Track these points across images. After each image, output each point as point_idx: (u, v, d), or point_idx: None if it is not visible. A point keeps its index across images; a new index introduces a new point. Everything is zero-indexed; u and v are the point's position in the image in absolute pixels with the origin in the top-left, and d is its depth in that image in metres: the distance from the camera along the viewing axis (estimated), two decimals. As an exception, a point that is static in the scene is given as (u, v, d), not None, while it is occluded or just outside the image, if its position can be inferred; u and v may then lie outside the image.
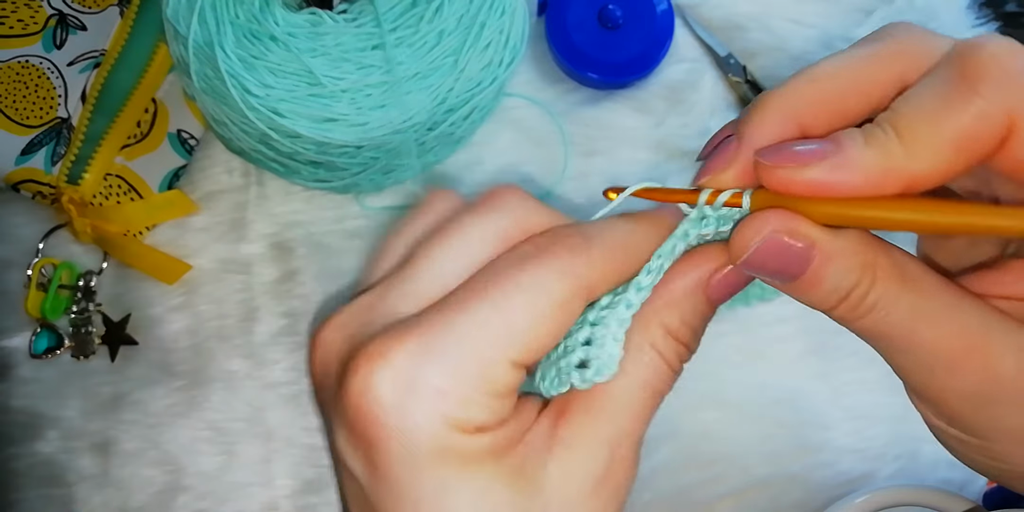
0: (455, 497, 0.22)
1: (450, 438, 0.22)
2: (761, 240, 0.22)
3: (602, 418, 0.24)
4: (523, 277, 0.23)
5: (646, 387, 0.24)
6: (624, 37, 0.52)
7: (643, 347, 0.24)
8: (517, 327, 0.22)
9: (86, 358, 0.52)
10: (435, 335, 0.22)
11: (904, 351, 0.23)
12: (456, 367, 0.22)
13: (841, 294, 0.22)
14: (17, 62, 0.49)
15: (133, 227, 0.52)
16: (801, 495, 0.51)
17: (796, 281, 0.23)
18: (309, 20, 0.46)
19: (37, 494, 0.52)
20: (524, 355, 0.22)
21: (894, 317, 0.22)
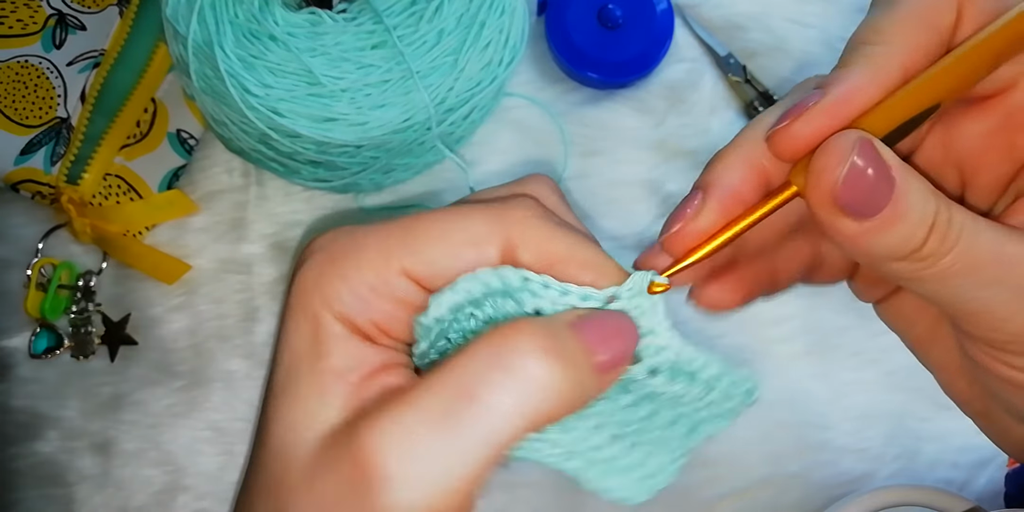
0: (294, 334, 0.24)
1: (312, 302, 0.23)
2: (847, 164, 0.21)
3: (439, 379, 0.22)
4: (456, 208, 0.24)
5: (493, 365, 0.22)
6: (624, 37, 0.52)
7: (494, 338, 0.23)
8: (421, 241, 0.23)
9: (86, 358, 0.52)
10: (362, 229, 0.24)
11: (998, 281, 0.22)
12: (355, 251, 0.24)
13: (929, 220, 0.21)
14: (16, 62, 0.49)
15: (133, 227, 0.52)
16: (801, 495, 0.51)
17: (879, 215, 0.21)
18: (308, 20, 0.46)
19: (37, 494, 0.52)
20: (418, 268, 0.23)
21: (983, 240, 0.22)
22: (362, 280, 0.23)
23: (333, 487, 0.21)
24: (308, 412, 0.23)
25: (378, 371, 0.23)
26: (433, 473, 0.20)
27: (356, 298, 0.23)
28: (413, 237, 0.23)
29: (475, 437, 0.21)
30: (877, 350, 0.52)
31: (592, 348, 0.22)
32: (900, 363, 0.52)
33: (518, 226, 0.23)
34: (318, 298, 0.23)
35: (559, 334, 0.22)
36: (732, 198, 0.24)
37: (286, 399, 0.23)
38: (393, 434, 0.21)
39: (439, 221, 0.24)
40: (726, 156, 0.24)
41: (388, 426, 0.21)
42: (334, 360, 0.23)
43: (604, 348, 0.22)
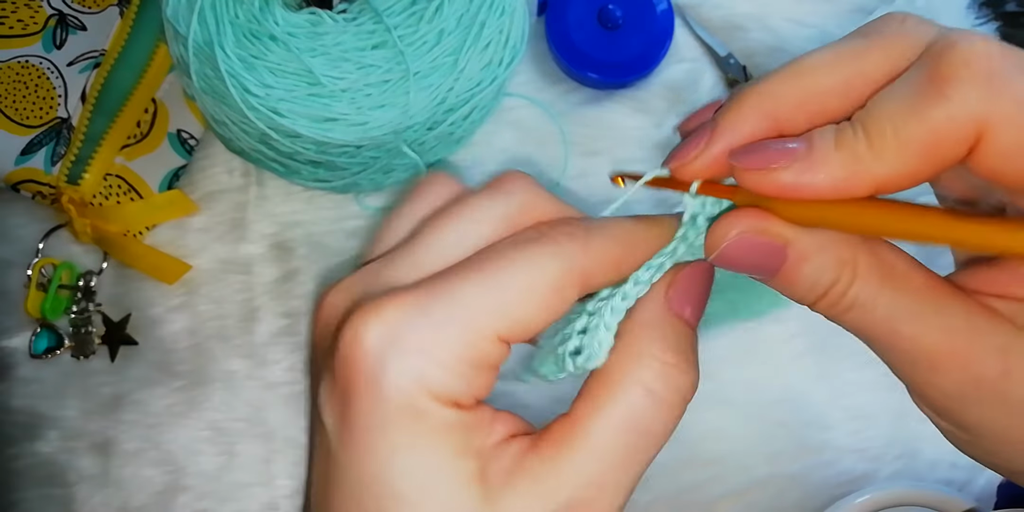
0: (405, 461, 0.22)
1: (420, 399, 0.22)
2: (732, 238, 0.22)
3: (572, 455, 0.23)
4: (520, 256, 0.23)
5: (627, 425, 0.23)
6: (624, 37, 0.52)
7: (623, 381, 0.24)
8: (508, 301, 0.22)
9: (86, 358, 0.52)
10: (429, 298, 0.22)
11: (887, 348, 0.23)
12: (443, 329, 0.22)
13: (819, 291, 0.22)
14: (17, 62, 0.49)
15: (133, 227, 0.52)
16: (801, 495, 0.51)
17: (775, 277, 0.23)
18: (309, 20, 0.46)
19: (37, 494, 0.52)
20: (511, 330, 0.23)
21: (874, 315, 0.22)
22: (462, 360, 0.22)
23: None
24: (459, 503, 0.22)
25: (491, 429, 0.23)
26: (626, 496, 0.24)
27: (461, 379, 0.22)
28: (499, 300, 0.23)
29: (649, 457, 0.24)
30: None
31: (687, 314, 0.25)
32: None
33: (584, 256, 0.24)
34: (425, 394, 0.22)
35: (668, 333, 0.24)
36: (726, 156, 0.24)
37: (427, 502, 0.22)
38: (591, 487, 0.23)
39: (512, 275, 0.23)
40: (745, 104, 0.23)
41: (584, 481, 0.23)
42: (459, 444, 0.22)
43: (695, 307, 0.25)
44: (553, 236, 0.24)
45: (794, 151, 0.21)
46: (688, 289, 0.25)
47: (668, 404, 0.24)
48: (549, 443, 0.23)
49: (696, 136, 0.23)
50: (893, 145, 0.20)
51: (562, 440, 0.23)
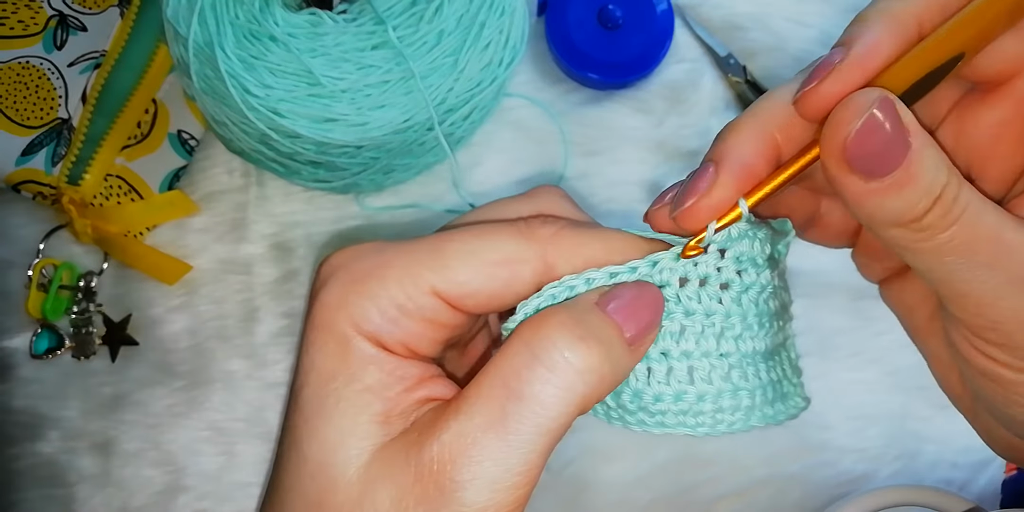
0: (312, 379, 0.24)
1: (340, 323, 0.23)
2: (863, 118, 0.21)
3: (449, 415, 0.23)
4: (482, 227, 0.24)
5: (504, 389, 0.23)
6: (624, 37, 0.52)
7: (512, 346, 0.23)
8: (450, 260, 0.23)
9: (87, 358, 0.52)
10: (389, 247, 0.24)
11: (990, 264, 0.22)
12: (383, 270, 0.24)
13: (936, 192, 0.21)
14: (18, 63, 0.50)
15: (133, 228, 0.52)
16: (801, 495, 0.51)
17: (890, 176, 0.21)
18: (309, 20, 0.46)
19: (38, 494, 0.52)
20: (448, 288, 0.23)
21: (985, 221, 0.22)
22: (391, 300, 0.23)
23: (388, 501, 0.22)
24: (349, 431, 0.23)
25: (415, 385, 0.24)
26: (498, 471, 0.22)
27: (385, 318, 0.23)
28: (443, 257, 0.23)
29: (530, 431, 0.22)
30: (877, 350, 0.52)
31: (620, 323, 0.23)
32: (900, 363, 0.52)
33: (551, 245, 0.24)
34: (345, 318, 0.23)
35: (585, 318, 0.23)
36: (745, 172, 0.24)
37: (320, 420, 0.23)
38: (456, 444, 0.22)
39: (469, 241, 0.24)
40: (739, 128, 0.24)
41: (450, 438, 0.22)
42: (368, 379, 0.23)
43: (631, 322, 0.23)
44: (528, 220, 0.25)
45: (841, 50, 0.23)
46: (623, 298, 0.24)
47: (556, 374, 0.22)
48: (444, 405, 0.23)
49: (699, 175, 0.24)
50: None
51: (452, 403, 0.23)
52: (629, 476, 0.51)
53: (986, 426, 0.27)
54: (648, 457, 0.51)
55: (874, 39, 0.22)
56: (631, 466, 0.51)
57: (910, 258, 0.23)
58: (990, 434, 0.27)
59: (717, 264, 0.25)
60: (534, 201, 0.27)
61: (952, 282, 0.22)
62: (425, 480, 0.22)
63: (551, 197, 0.27)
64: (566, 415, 0.22)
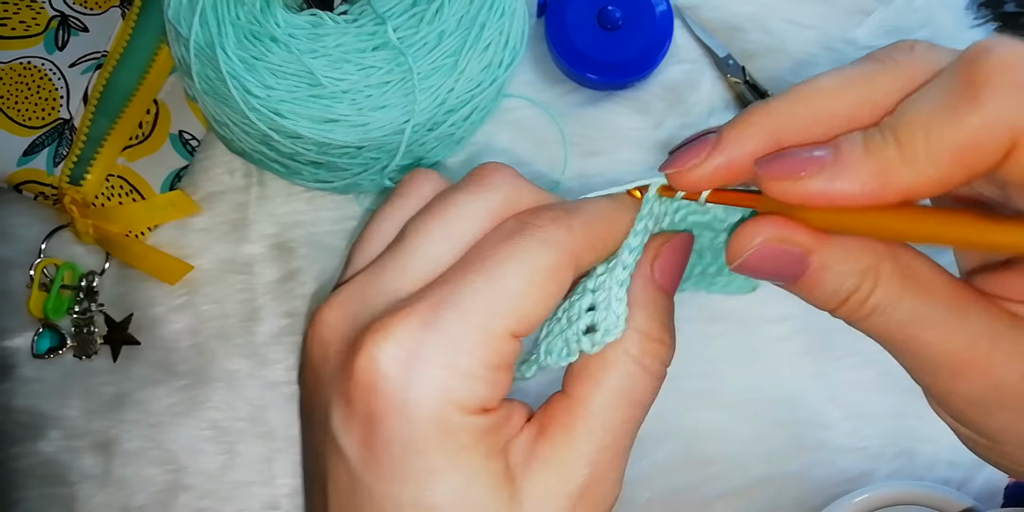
0: (443, 483, 0.22)
1: (449, 414, 0.22)
2: (754, 247, 0.22)
3: (581, 434, 0.24)
4: (511, 248, 0.23)
5: (624, 398, 0.24)
6: (623, 38, 0.52)
7: (616, 356, 0.24)
8: (512, 297, 0.23)
9: (88, 358, 0.52)
10: (436, 309, 0.22)
11: (908, 354, 0.23)
12: (458, 339, 0.22)
13: (841, 297, 0.22)
14: (19, 63, 0.50)
15: (135, 228, 0.52)
16: (799, 494, 0.51)
17: (796, 283, 0.23)
18: (310, 21, 0.46)
19: (39, 493, 0.52)
20: (520, 324, 0.23)
21: (895, 321, 0.22)
22: (482, 364, 0.22)
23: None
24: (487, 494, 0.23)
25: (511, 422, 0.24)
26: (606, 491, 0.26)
27: (485, 385, 0.23)
28: (503, 298, 0.23)
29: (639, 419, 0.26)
30: (875, 350, 0.52)
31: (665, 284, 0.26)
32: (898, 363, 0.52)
33: (571, 239, 0.24)
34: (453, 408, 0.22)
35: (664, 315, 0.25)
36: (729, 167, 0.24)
37: (460, 495, 0.23)
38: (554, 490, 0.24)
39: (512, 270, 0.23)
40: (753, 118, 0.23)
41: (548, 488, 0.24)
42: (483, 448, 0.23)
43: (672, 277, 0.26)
44: (538, 224, 0.24)
45: (821, 159, 0.21)
46: (670, 262, 0.26)
47: (653, 374, 0.25)
48: (556, 426, 0.24)
49: (697, 146, 0.23)
50: (925, 151, 0.20)
51: (569, 422, 0.23)
52: (628, 475, 0.51)
53: None
54: (647, 456, 0.51)
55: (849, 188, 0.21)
56: (630, 465, 0.51)
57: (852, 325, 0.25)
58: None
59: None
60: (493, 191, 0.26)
61: (892, 355, 0.24)
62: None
63: (509, 181, 0.26)
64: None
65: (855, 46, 0.54)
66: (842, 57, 0.54)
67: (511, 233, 0.24)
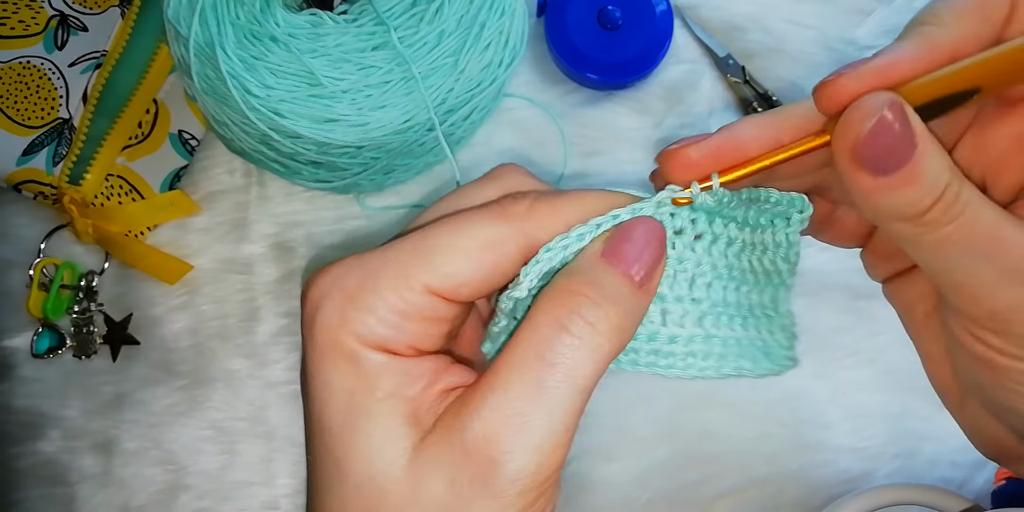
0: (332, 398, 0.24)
1: (346, 341, 0.24)
2: (876, 121, 0.22)
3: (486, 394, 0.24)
4: (458, 216, 0.25)
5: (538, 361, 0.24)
6: (623, 38, 0.52)
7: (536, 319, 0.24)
8: (435, 256, 0.24)
9: (88, 358, 0.52)
10: (371, 255, 0.25)
11: (989, 258, 0.23)
12: (373, 280, 0.24)
13: (939, 190, 0.23)
14: (18, 63, 0.50)
15: (134, 227, 0.52)
16: (800, 494, 0.51)
17: (896, 173, 0.22)
18: (309, 21, 0.46)
19: (39, 493, 0.52)
20: (440, 283, 0.24)
21: (984, 219, 0.23)
22: (388, 307, 0.24)
23: (441, 486, 0.23)
24: (384, 439, 0.23)
25: (433, 380, 0.24)
26: (542, 435, 0.23)
27: (387, 326, 0.24)
28: (428, 254, 0.24)
29: (566, 395, 0.23)
30: (876, 350, 0.53)
31: (627, 270, 0.24)
32: (899, 363, 0.52)
33: (528, 219, 0.25)
34: (349, 334, 0.24)
35: (596, 278, 0.24)
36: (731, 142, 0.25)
37: (354, 436, 0.24)
38: (498, 417, 0.23)
39: (448, 233, 0.24)
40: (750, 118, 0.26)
41: (490, 412, 0.23)
42: (387, 386, 0.24)
43: (638, 263, 0.25)
44: (500, 201, 0.25)
45: (871, 58, 0.23)
46: (626, 240, 0.25)
47: (583, 339, 0.24)
48: (470, 388, 0.24)
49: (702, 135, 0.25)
50: (951, 16, 0.23)
51: (478, 383, 0.24)
52: (629, 475, 0.51)
53: (974, 423, 0.28)
54: (647, 456, 0.51)
55: (900, 53, 0.23)
56: (631, 465, 0.52)
57: (912, 250, 0.24)
58: (977, 431, 0.28)
59: (691, 216, 0.26)
60: (498, 182, 0.27)
61: (951, 273, 0.24)
62: (473, 456, 0.23)
63: (514, 175, 0.27)
64: (597, 372, 0.24)
65: (855, 46, 0.54)
66: (842, 57, 0.54)
67: (475, 208, 0.25)
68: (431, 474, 0.23)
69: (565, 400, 0.23)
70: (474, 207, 0.26)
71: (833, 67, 0.25)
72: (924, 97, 0.23)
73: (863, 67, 0.23)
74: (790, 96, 0.54)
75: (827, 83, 0.24)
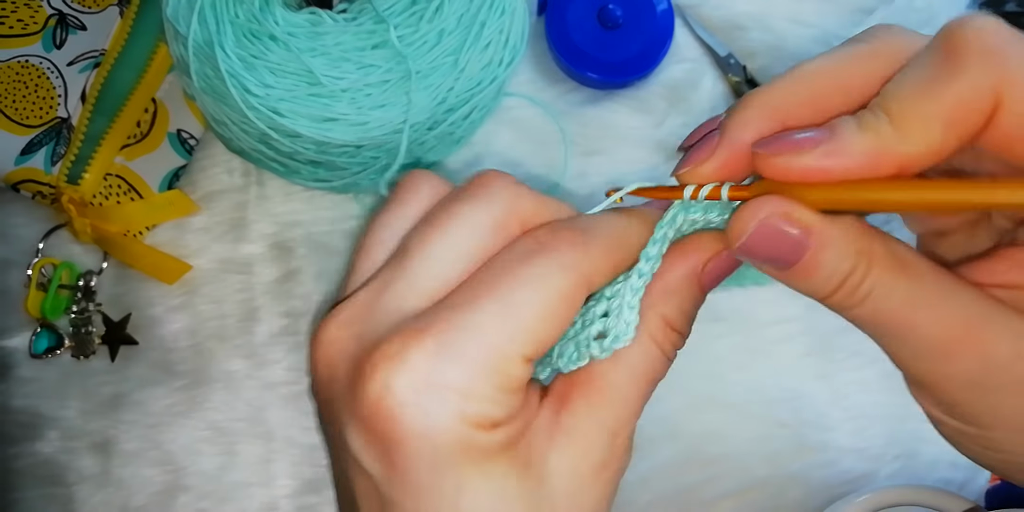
0: (473, 495, 0.23)
1: (469, 435, 0.22)
2: (756, 225, 0.22)
3: (602, 406, 0.25)
4: (527, 272, 0.23)
5: (643, 376, 0.25)
6: (624, 37, 0.52)
7: (641, 337, 0.25)
8: (526, 322, 0.23)
9: (86, 358, 0.52)
10: (449, 333, 0.22)
11: (901, 339, 0.23)
12: (472, 365, 0.22)
13: (837, 281, 0.23)
14: (17, 62, 0.50)
15: (133, 227, 0.52)
16: (801, 495, 0.51)
17: (792, 268, 0.23)
18: (309, 19, 0.46)
19: (37, 494, 0.52)
20: (534, 349, 0.23)
21: (890, 304, 0.23)
22: (500, 388, 0.23)
23: None
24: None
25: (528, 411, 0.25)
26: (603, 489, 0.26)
27: (502, 407, 0.23)
28: (516, 324, 0.23)
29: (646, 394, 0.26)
30: (877, 351, 0.52)
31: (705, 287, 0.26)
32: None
33: (587, 261, 0.24)
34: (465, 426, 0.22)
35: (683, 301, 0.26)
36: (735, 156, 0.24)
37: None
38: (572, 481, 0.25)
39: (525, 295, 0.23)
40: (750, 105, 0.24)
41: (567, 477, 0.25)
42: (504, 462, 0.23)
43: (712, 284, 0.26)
44: (554, 246, 0.24)
45: (817, 137, 0.22)
46: (721, 267, 0.26)
47: (668, 358, 0.26)
48: (577, 398, 0.24)
49: (705, 142, 0.24)
50: (916, 121, 0.21)
51: (589, 393, 0.24)
52: (629, 476, 0.51)
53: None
54: (648, 457, 0.51)
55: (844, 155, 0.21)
56: (631, 466, 0.51)
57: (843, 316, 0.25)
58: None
59: None
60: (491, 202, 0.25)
61: (879, 341, 0.24)
62: None
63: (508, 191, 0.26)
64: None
65: (857, 45, 0.54)
66: (844, 56, 0.54)
67: (527, 255, 0.24)
68: None
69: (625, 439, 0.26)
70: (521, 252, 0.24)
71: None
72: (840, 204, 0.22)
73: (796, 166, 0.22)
74: (791, 95, 0.54)
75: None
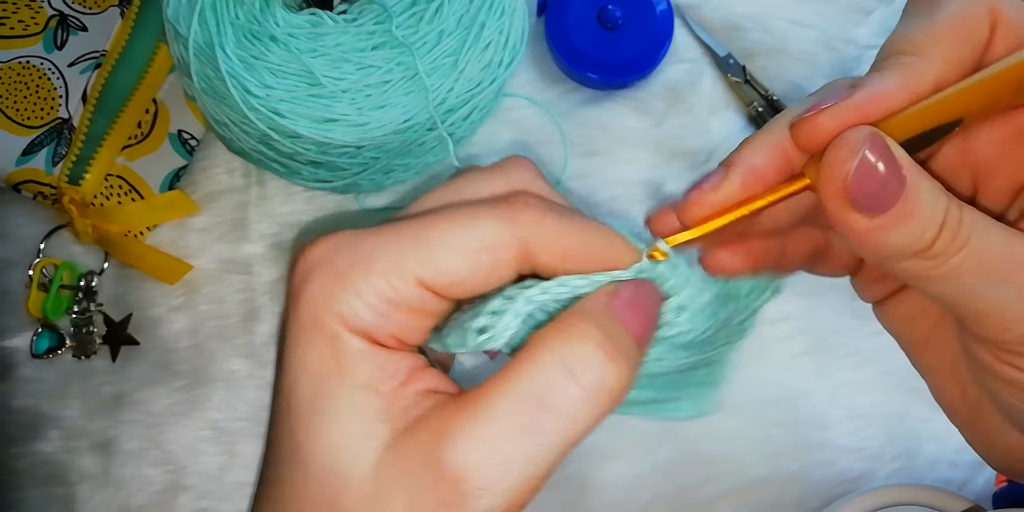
0: (305, 377, 0.23)
1: (327, 320, 0.23)
2: (858, 158, 0.21)
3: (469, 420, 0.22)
4: (464, 211, 0.24)
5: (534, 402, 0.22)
6: (623, 37, 0.52)
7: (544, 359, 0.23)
8: (434, 250, 0.23)
9: (87, 358, 0.52)
10: (368, 236, 0.24)
11: (1004, 281, 0.22)
12: (366, 263, 0.23)
13: (939, 219, 0.21)
14: (18, 63, 0.50)
15: (134, 227, 0.52)
16: (800, 494, 0.51)
17: (890, 211, 0.21)
18: (309, 21, 0.46)
19: (38, 493, 0.52)
20: (433, 278, 0.23)
21: (993, 240, 0.22)
22: (377, 294, 0.23)
23: (403, 503, 0.22)
24: (353, 431, 0.22)
25: (408, 379, 0.23)
26: (519, 481, 0.22)
27: (374, 313, 0.23)
28: (427, 246, 0.23)
29: (557, 443, 0.22)
30: (876, 350, 0.52)
31: (630, 325, 0.23)
32: (899, 363, 0.52)
33: (533, 230, 0.24)
34: (332, 315, 0.23)
35: (610, 329, 0.23)
36: (753, 176, 0.24)
37: (320, 421, 0.23)
38: (478, 451, 0.22)
39: (450, 228, 0.23)
40: (754, 139, 0.24)
41: (473, 445, 0.22)
42: (363, 376, 0.23)
43: (640, 324, 0.24)
44: (512, 202, 0.24)
45: (849, 90, 0.22)
46: (633, 301, 0.24)
47: (587, 391, 0.22)
48: (456, 405, 0.23)
49: (711, 174, 0.24)
50: (931, 43, 0.23)
51: (466, 404, 0.22)
52: (629, 476, 0.51)
53: (989, 438, 0.27)
54: (648, 457, 0.51)
55: (881, 87, 0.22)
56: (631, 466, 0.51)
57: (924, 286, 0.23)
58: (992, 446, 0.27)
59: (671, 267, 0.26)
60: (508, 176, 0.26)
61: (971, 303, 0.23)
62: (445, 484, 0.22)
63: (524, 172, 0.27)
64: (592, 427, 0.22)
65: (855, 45, 0.54)
66: (842, 56, 0.54)
67: (484, 202, 0.24)
68: (397, 485, 0.22)
69: (553, 451, 0.22)
70: (481, 201, 0.24)
71: (834, 66, 0.24)
72: (907, 132, 0.22)
73: (843, 103, 0.22)
74: (791, 96, 0.54)
75: (805, 121, 0.23)
